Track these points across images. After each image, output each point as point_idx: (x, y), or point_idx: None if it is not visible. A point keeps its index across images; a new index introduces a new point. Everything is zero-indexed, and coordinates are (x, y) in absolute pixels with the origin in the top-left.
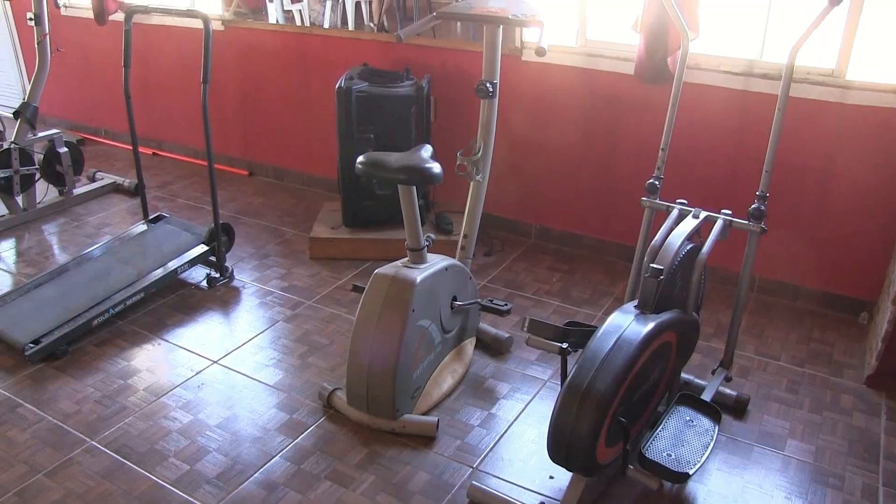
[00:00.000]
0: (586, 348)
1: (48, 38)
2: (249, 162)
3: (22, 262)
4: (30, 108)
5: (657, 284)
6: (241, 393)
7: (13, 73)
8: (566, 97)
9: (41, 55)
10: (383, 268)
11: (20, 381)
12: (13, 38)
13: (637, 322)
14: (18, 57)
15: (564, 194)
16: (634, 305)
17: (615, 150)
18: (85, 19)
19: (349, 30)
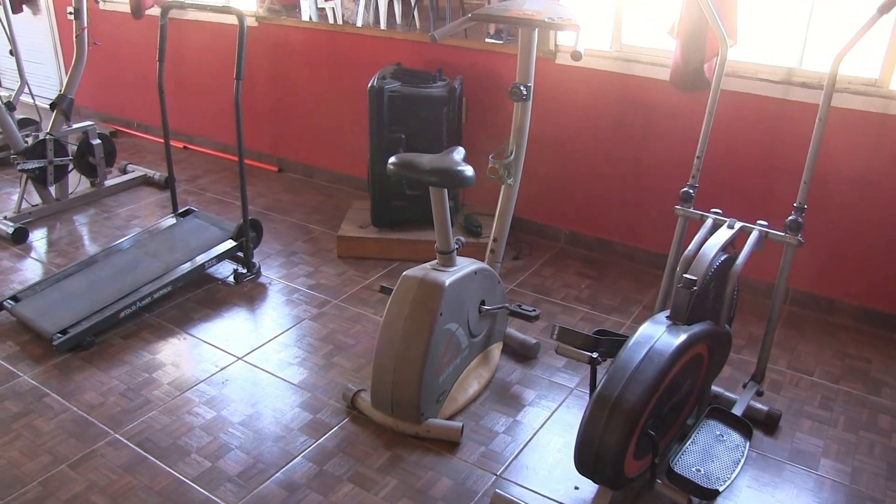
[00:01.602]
0: (617, 358)
1: (86, 31)
2: (279, 158)
3: (52, 252)
4: (66, 99)
5: (690, 295)
6: (265, 391)
7: (52, 65)
8: (599, 102)
9: (79, 48)
10: (412, 269)
11: (47, 371)
12: (53, 31)
13: (669, 333)
14: (57, 50)
15: (595, 200)
16: (666, 316)
17: (648, 157)
18: (121, 13)
19: (382, 29)
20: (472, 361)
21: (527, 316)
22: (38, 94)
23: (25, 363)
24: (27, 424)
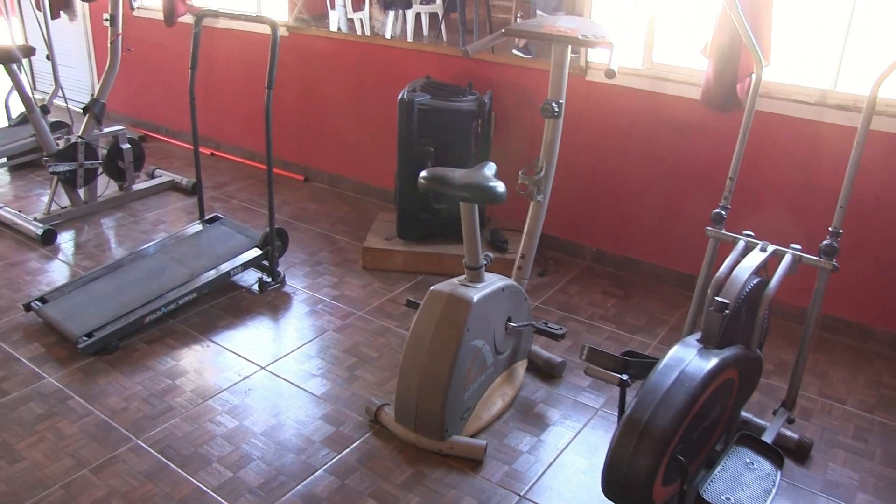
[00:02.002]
0: (646, 381)
1: (120, 38)
2: (305, 167)
3: (80, 254)
4: (98, 104)
5: (722, 319)
6: (288, 402)
7: (85, 69)
8: (629, 120)
9: (112, 54)
10: (439, 284)
11: (72, 374)
12: (88, 36)
13: (700, 357)
14: (90, 55)
15: (622, 218)
16: (697, 339)
17: (677, 176)
18: (154, 20)
19: (413, 41)
20: (497, 379)
21: (553, 334)
22: (71, 97)
23: (51, 365)
24: (51, 427)
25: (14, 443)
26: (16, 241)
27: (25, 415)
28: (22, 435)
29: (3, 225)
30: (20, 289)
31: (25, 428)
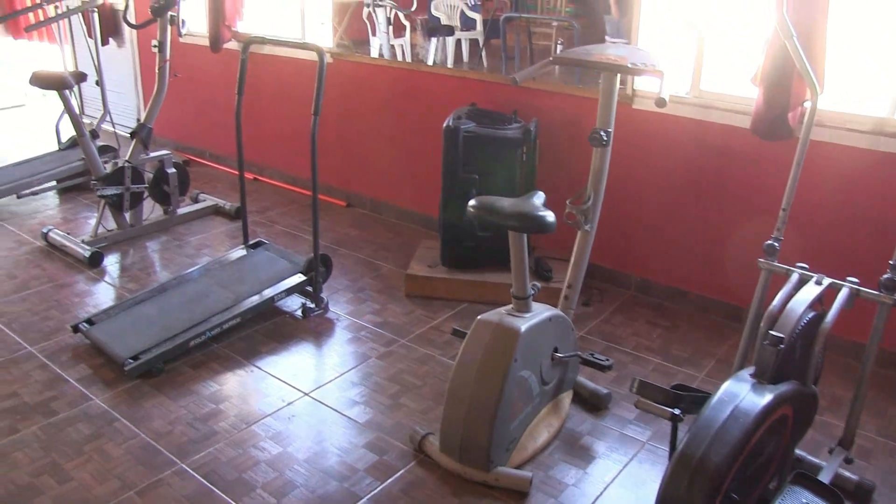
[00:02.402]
0: (699, 416)
1: (168, 64)
2: (348, 192)
3: (125, 277)
4: (145, 129)
5: (777, 353)
6: (331, 429)
7: (132, 95)
8: (676, 148)
9: (160, 80)
10: (487, 314)
11: (118, 396)
12: (135, 62)
13: (754, 392)
14: (137, 80)
15: (668, 247)
16: (750, 374)
17: (726, 206)
18: (200, 46)
19: (454, 68)
20: (543, 410)
21: (600, 365)
22: (118, 122)
23: (97, 386)
24: (98, 448)
25: (63, 462)
26: (64, 263)
27: (74, 435)
28: (70, 455)
29: (53, 247)
30: (68, 310)
31: (74, 448)
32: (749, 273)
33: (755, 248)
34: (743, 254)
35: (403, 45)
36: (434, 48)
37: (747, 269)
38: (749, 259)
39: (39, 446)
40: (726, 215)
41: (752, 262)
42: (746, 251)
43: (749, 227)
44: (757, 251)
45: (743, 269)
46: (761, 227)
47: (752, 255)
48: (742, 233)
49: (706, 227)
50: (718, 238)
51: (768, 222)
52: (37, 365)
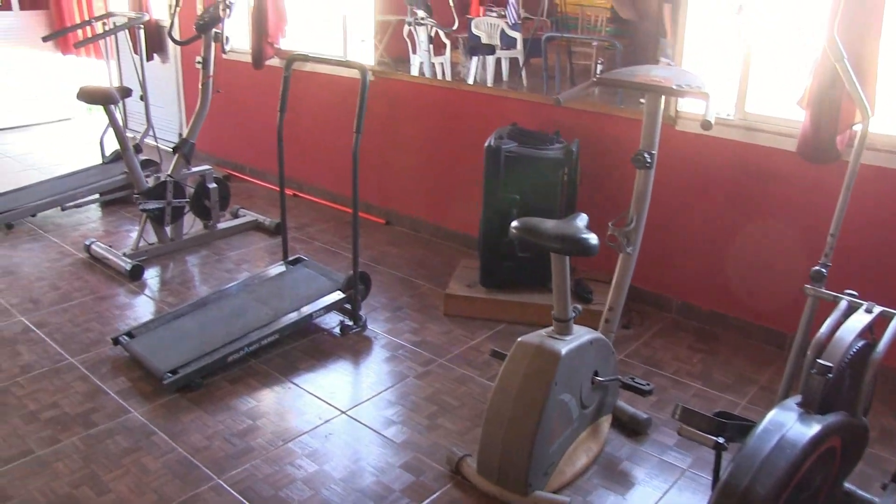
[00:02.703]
0: (744, 445)
1: (211, 80)
2: (387, 210)
3: (165, 291)
4: (187, 144)
5: (825, 383)
6: (368, 448)
7: (174, 109)
8: (720, 170)
9: (203, 96)
10: (527, 336)
11: (156, 409)
12: (178, 78)
13: (801, 422)
14: (180, 95)
15: (711, 271)
16: (797, 403)
17: (770, 230)
18: (242, 63)
19: (494, 87)
20: (582, 433)
21: (640, 390)
22: (161, 136)
23: (136, 400)
24: (135, 461)
25: (102, 474)
26: (106, 276)
27: (112, 447)
28: (109, 467)
29: (95, 259)
30: (109, 322)
31: (112, 460)
32: (794, 299)
33: (801, 273)
34: (788, 279)
35: (444, 63)
36: (474, 67)
37: (792, 295)
38: (794, 285)
39: (79, 457)
40: (771, 239)
41: (798, 287)
42: (792, 277)
43: (795, 252)
44: (803, 277)
45: (788, 294)
46: (807, 252)
47: (797, 281)
48: (787, 258)
49: (750, 250)
50: (762, 262)
51: (815, 247)
52: (77, 376)
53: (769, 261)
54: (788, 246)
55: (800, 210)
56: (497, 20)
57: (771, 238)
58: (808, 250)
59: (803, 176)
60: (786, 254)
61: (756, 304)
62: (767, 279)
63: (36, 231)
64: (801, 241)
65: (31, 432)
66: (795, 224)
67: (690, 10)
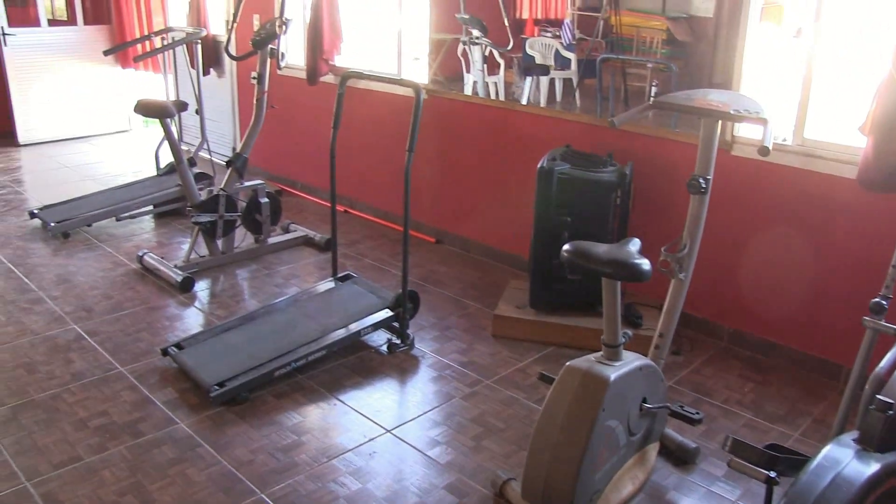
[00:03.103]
0: (797, 481)
1: (266, 95)
2: (438, 229)
3: (215, 303)
4: (241, 158)
5: (885, 420)
6: (412, 468)
7: (228, 124)
8: (776, 197)
9: (258, 111)
10: (576, 361)
11: (202, 421)
12: (233, 93)
13: (858, 460)
14: (235, 110)
15: (764, 299)
16: (854, 439)
17: (827, 259)
18: (297, 79)
19: (548, 107)
20: (629, 461)
21: (689, 418)
22: (215, 150)
23: (183, 411)
24: (181, 472)
25: (147, 483)
26: (157, 287)
27: (158, 457)
28: (154, 477)
29: (147, 270)
30: (158, 333)
31: (158, 471)
32: (852, 331)
33: (860, 304)
34: (845, 310)
35: (497, 82)
36: (528, 87)
37: (850, 327)
38: (852, 316)
39: (126, 466)
40: (828, 269)
41: (856, 319)
42: (850, 308)
43: (853, 282)
44: (862, 308)
45: (845, 325)
46: (867, 283)
47: (855, 313)
48: (845, 288)
49: (806, 279)
50: (819, 292)
51: (875, 278)
52: (127, 385)
53: (826, 290)
54: (846, 276)
55: (859, 239)
56: (552, 40)
57: (828, 267)
58: (867, 281)
59: (864, 204)
60: (844, 284)
61: (811, 334)
62: (824, 309)
63: (91, 241)
64: (860, 271)
65: (80, 439)
66: (854, 254)
67: (749, 33)
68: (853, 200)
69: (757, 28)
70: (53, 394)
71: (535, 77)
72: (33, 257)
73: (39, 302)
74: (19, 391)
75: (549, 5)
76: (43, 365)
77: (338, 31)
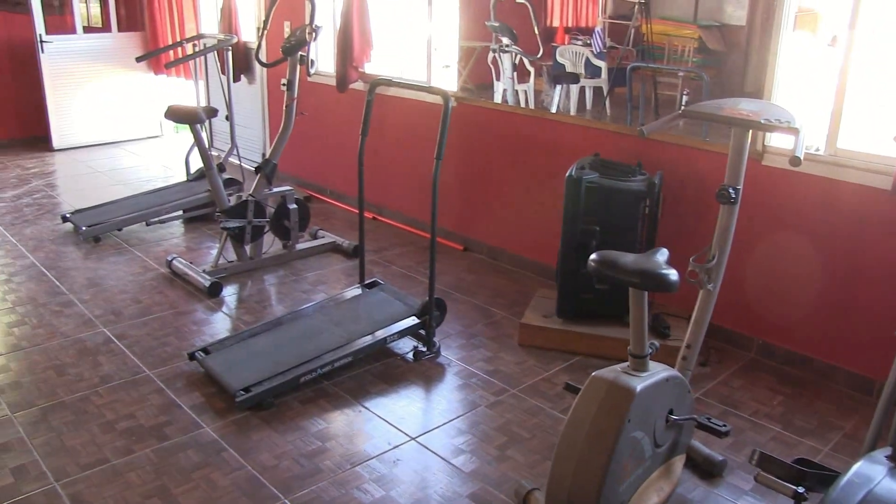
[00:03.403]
0: (827, 498)
1: (295, 102)
2: (465, 237)
3: (242, 309)
4: (270, 164)
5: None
6: (436, 476)
7: (258, 130)
8: (807, 207)
9: (287, 117)
10: (602, 371)
11: (227, 426)
12: (264, 99)
13: (891, 477)
14: (265, 116)
15: (793, 310)
16: (886, 455)
17: (858, 271)
18: (326, 86)
19: (577, 116)
20: (654, 473)
21: (716, 431)
22: (244, 156)
23: (209, 415)
24: (205, 476)
25: (172, 487)
26: (185, 291)
27: (183, 461)
28: (179, 481)
29: (175, 274)
30: (186, 337)
31: (183, 474)
32: (884, 344)
33: (892, 317)
34: (878, 323)
35: (527, 90)
36: (558, 95)
37: (882, 340)
38: (885, 329)
39: (151, 469)
40: (860, 281)
41: (889, 332)
42: (882, 321)
43: (886, 295)
44: (893, 321)
45: (876, 338)
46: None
47: (888, 326)
48: (876, 300)
49: (837, 291)
50: (851, 304)
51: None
52: (153, 389)
53: (858, 303)
54: (879, 288)
55: (892, 251)
56: (582, 48)
57: (860, 279)
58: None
59: None
60: (876, 296)
61: (843, 347)
62: (855, 322)
63: (121, 245)
64: (893, 283)
65: (107, 441)
66: (887, 265)
67: (781, 41)
68: (887, 211)
69: (790, 36)
70: (82, 396)
71: (564, 85)
72: (65, 261)
73: (70, 305)
74: (49, 393)
75: (580, 13)
76: (72, 367)
77: (368, 38)
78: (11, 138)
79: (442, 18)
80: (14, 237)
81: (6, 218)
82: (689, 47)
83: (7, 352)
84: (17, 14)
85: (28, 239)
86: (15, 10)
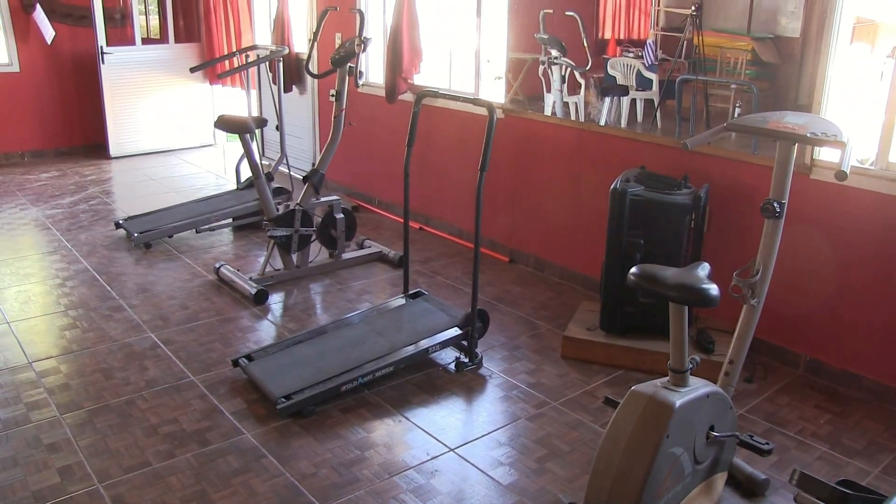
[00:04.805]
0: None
1: (344, 112)
2: (511, 249)
3: (287, 316)
4: (318, 174)
5: None
6: (473, 488)
7: (308, 140)
8: (857, 223)
9: (335, 128)
10: (641, 385)
11: (268, 433)
12: (314, 110)
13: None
14: (315, 126)
15: (844, 328)
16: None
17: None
18: (376, 97)
19: (625, 129)
20: (694, 490)
21: (759, 449)
22: (294, 165)
23: (250, 422)
24: (244, 482)
25: (211, 492)
26: (232, 298)
27: (223, 467)
28: (219, 486)
29: (223, 282)
30: (230, 344)
31: (222, 480)
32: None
33: None
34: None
35: (577, 102)
36: (607, 108)
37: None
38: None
39: (192, 473)
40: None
41: None
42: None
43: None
44: None
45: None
46: None
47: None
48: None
49: (888, 309)
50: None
51: None
52: (197, 394)
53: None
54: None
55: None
56: (633, 60)
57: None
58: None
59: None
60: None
61: (894, 366)
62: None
63: (171, 251)
64: None
65: (150, 445)
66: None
67: (835, 53)
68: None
69: (846, 48)
70: (127, 399)
71: (614, 98)
72: (116, 266)
73: (119, 310)
74: (96, 395)
75: (632, 26)
76: (119, 371)
77: (417, 49)
78: (73, 146)
79: (492, 30)
80: (69, 242)
81: (63, 224)
82: (742, 59)
83: (58, 354)
84: (81, 28)
85: (82, 244)
86: (80, 23)
